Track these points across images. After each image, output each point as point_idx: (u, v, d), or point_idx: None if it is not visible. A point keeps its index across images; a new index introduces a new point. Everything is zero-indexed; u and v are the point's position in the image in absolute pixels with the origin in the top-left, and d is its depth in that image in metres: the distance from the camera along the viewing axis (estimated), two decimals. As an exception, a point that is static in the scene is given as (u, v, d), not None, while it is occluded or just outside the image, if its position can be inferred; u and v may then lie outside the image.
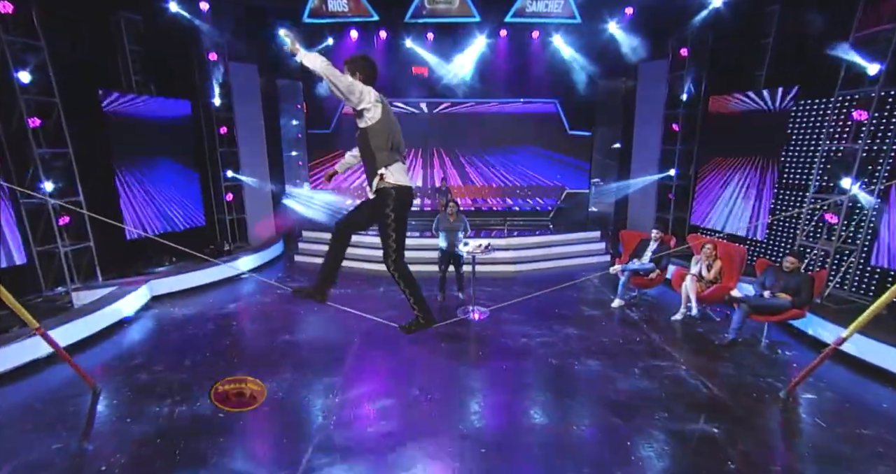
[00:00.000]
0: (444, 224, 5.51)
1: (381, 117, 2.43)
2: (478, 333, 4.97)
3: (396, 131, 2.52)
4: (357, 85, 2.35)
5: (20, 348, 4.06)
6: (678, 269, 5.55)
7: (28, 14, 5.21)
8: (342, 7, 7.81)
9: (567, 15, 7.45)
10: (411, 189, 2.60)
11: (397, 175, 2.49)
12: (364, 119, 2.43)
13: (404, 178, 2.54)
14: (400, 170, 2.52)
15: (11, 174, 5.36)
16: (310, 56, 2.24)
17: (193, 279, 6.54)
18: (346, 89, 2.29)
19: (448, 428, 3.24)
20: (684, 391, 3.69)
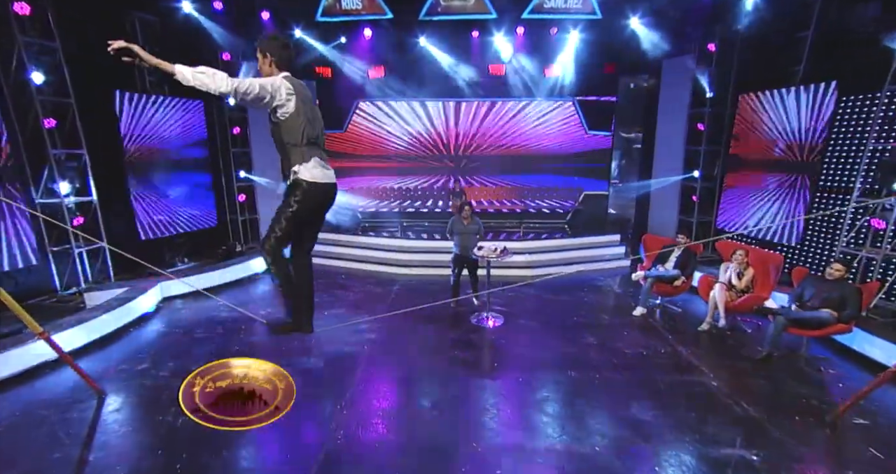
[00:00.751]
0: (458, 227, 5.31)
1: (293, 110, 2.16)
2: (492, 341, 4.76)
3: (314, 122, 2.27)
4: (266, 85, 2.06)
5: (27, 351, 4.01)
6: (705, 277, 5.24)
7: (44, 15, 5.21)
8: (356, 5, 7.68)
9: (587, 10, 7.17)
10: (328, 186, 2.32)
11: (314, 171, 2.23)
12: (277, 114, 2.17)
13: (322, 174, 2.27)
14: (317, 166, 2.25)
15: (28, 174, 5.38)
16: (184, 71, 1.97)
17: (204, 280, 6.49)
18: (254, 97, 2.04)
19: (461, 444, 3.04)
20: (716, 410, 3.41)
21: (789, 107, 5.87)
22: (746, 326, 4.91)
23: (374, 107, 8.99)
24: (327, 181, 2.30)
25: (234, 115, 7.92)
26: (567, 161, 9.01)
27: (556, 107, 8.69)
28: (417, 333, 4.88)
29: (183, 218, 7.26)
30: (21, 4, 4.89)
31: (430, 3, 7.49)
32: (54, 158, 5.43)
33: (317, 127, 2.30)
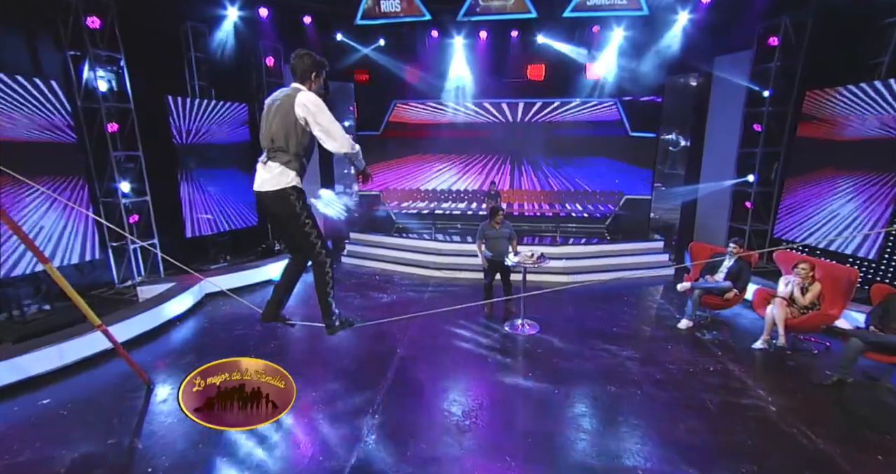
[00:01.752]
0: (490, 232, 5.19)
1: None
2: (527, 350, 4.62)
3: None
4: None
5: (88, 340, 4.28)
6: (761, 290, 4.86)
7: (111, 27, 5.56)
8: (395, 8, 7.73)
9: (633, 6, 6.85)
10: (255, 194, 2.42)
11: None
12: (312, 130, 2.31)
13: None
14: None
15: (93, 175, 5.77)
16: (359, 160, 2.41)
17: (245, 278, 6.73)
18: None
19: (493, 454, 2.94)
20: (778, 439, 3.12)
21: (869, 103, 5.30)
22: (813, 347, 4.49)
23: (411, 107, 9.02)
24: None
25: (276, 118, 8.17)
26: (607, 163, 8.68)
27: (597, 107, 8.39)
28: (450, 338, 4.82)
29: (226, 216, 7.57)
30: (92, 19, 5.26)
31: (468, 3, 7.42)
32: (115, 160, 5.79)
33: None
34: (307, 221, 2.32)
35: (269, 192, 2.26)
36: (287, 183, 2.24)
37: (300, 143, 2.25)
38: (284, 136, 2.23)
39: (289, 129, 2.22)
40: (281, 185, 2.23)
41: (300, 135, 2.24)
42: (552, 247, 7.31)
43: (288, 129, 2.22)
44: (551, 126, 8.76)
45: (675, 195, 8.52)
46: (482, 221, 5.34)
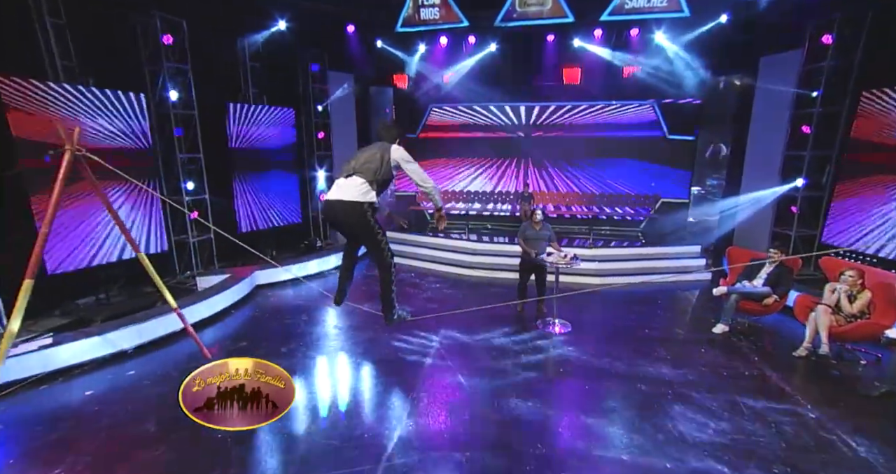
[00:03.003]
0: (530, 232, 5.36)
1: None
2: (558, 348, 4.75)
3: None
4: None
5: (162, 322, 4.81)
6: (803, 297, 4.75)
7: (181, 43, 6.16)
8: (433, 15, 8.04)
9: (673, 8, 6.80)
10: (326, 202, 2.88)
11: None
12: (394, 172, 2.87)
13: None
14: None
15: (161, 175, 6.40)
16: (436, 197, 2.90)
17: (292, 271, 7.19)
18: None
19: (525, 443, 3.12)
20: (813, 444, 3.12)
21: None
22: (862, 357, 4.36)
23: (447, 111, 9.29)
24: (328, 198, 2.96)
25: (319, 122, 8.67)
26: (643, 166, 8.60)
27: (633, 109, 8.34)
28: (484, 334, 5.02)
29: (273, 214, 8.11)
30: (167, 36, 5.86)
31: (505, 9, 7.60)
32: (181, 162, 6.39)
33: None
34: (378, 231, 2.75)
35: (347, 202, 2.68)
36: (366, 199, 2.68)
37: (384, 176, 2.78)
38: (375, 167, 2.77)
39: (382, 163, 2.77)
40: (360, 199, 2.66)
41: (385, 172, 2.78)
42: (585, 249, 7.36)
43: (381, 163, 2.77)
44: (587, 129, 8.77)
45: (713, 199, 8.32)
46: (524, 222, 5.54)
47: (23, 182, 4.60)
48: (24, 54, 4.79)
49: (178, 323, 4.86)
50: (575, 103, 8.62)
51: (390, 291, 2.96)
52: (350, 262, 3.27)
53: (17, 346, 4.08)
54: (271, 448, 3.11)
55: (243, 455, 3.02)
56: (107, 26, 5.51)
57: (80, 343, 4.26)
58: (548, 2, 7.38)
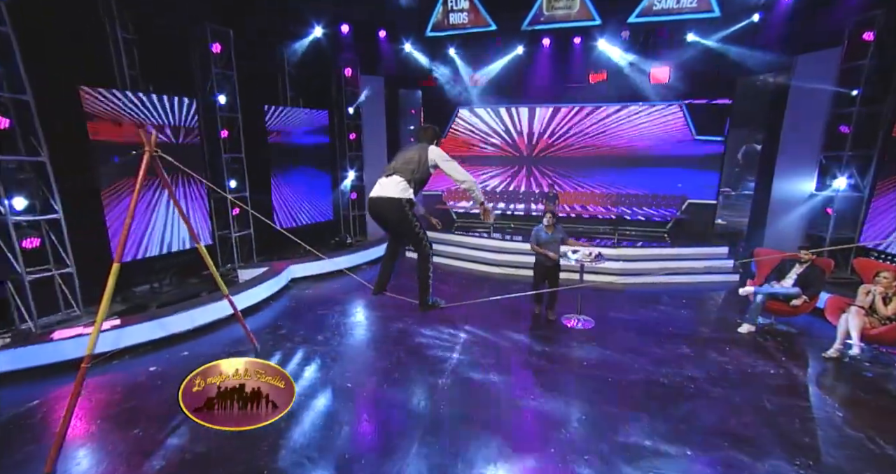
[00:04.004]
0: (544, 236, 5.18)
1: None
2: (581, 343, 4.88)
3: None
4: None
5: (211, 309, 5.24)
6: (835, 298, 4.72)
7: (228, 51, 6.62)
8: (462, 20, 8.27)
9: (703, 8, 6.79)
10: (370, 199, 3.07)
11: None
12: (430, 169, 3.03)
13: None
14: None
15: (208, 174, 6.88)
16: (477, 192, 3.01)
17: (324, 266, 7.57)
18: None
19: (551, 428, 3.30)
20: (837, 440, 3.16)
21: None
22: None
23: (474, 113, 9.50)
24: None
25: (350, 123, 9.05)
26: (670, 167, 8.55)
27: (660, 110, 8.32)
28: (507, 327, 5.20)
29: (306, 211, 8.53)
30: (216, 45, 6.32)
31: (533, 13, 7.75)
32: (225, 161, 6.85)
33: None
34: (416, 224, 2.98)
35: (387, 198, 2.93)
36: (405, 195, 2.91)
37: (421, 175, 2.99)
38: (414, 167, 2.98)
39: (419, 164, 2.98)
40: (399, 196, 2.89)
41: (422, 171, 2.99)
42: (610, 248, 7.41)
43: (419, 163, 2.98)
44: (613, 129, 8.80)
45: (743, 200, 8.19)
46: (535, 225, 5.38)
47: (95, 179, 5.11)
48: (100, 66, 5.33)
49: (223, 311, 5.29)
50: (601, 105, 8.66)
51: (427, 279, 3.16)
52: (392, 255, 3.49)
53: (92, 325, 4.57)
54: (311, 420, 3.42)
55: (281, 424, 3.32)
56: (164, 38, 6.01)
57: (141, 326, 4.72)
58: (575, 5, 7.49)
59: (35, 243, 4.58)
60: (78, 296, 4.91)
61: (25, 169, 4.47)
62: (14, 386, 3.92)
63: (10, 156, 4.32)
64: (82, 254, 5.03)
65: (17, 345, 4.10)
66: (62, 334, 4.28)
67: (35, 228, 4.61)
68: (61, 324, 4.77)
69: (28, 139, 4.44)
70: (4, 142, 4.27)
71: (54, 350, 4.16)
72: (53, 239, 4.74)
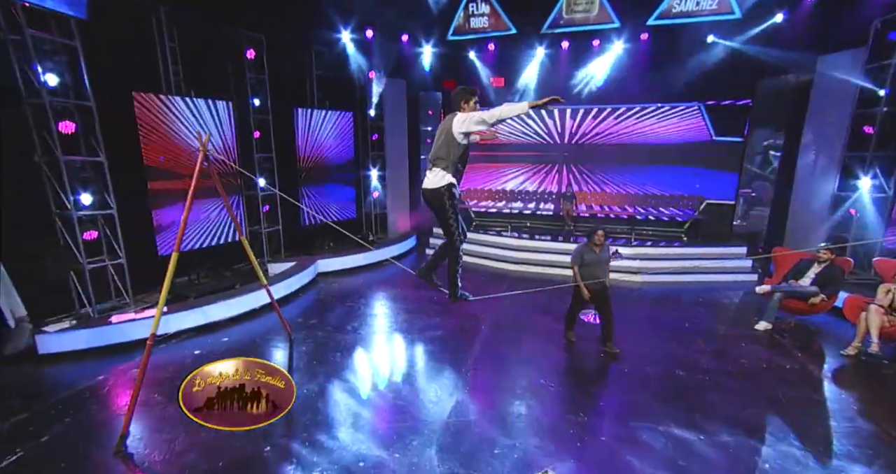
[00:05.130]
0: (589, 256, 4.43)
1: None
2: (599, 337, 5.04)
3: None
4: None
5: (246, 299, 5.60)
6: (853, 297, 4.77)
7: (260, 56, 7.00)
8: (483, 23, 8.49)
9: (724, 10, 6.85)
10: (422, 190, 3.10)
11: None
12: (469, 139, 2.93)
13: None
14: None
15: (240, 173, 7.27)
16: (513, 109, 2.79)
17: (349, 261, 7.91)
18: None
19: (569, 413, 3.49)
20: (849, 431, 3.27)
21: None
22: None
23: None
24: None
25: (373, 124, 9.36)
26: (688, 167, 8.59)
27: (679, 112, 8.37)
28: (528, 321, 5.41)
29: (332, 209, 8.87)
30: (251, 51, 6.70)
31: (553, 16, 7.91)
32: (257, 161, 7.23)
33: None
34: (451, 214, 3.06)
35: (430, 189, 3.06)
36: (444, 184, 2.99)
37: (455, 154, 2.94)
38: (443, 153, 2.96)
39: (449, 143, 2.93)
40: (438, 185, 2.99)
41: (453, 150, 2.93)
42: (626, 247, 7.52)
43: (448, 144, 2.94)
44: (631, 130, 8.88)
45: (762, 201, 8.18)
46: (578, 245, 4.64)
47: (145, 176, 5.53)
48: (149, 74, 5.76)
49: (257, 301, 5.66)
50: (620, 106, 8.76)
51: (455, 271, 3.29)
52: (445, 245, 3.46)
53: (144, 311, 4.98)
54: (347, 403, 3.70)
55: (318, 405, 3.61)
56: (203, 45, 6.42)
57: (184, 313, 5.10)
58: (594, 8, 7.62)
59: (93, 236, 5.00)
60: (128, 285, 5.33)
61: (86, 168, 4.90)
62: (82, 363, 4.35)
63: (75, 157, 4.75)
64: (130, 247, 5.45)
65: (82, 326, 4.52)
66: (119, 318, 4.69)
67: (93, 222, 5.03)
68: (114, 310, 5.19)
69: (89, 141, 4.86)
70: (71, 144, 4.69)
71: (113, 332, 4.57)
72: (108, 232, 5.16)
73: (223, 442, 3.07)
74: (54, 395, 3.76)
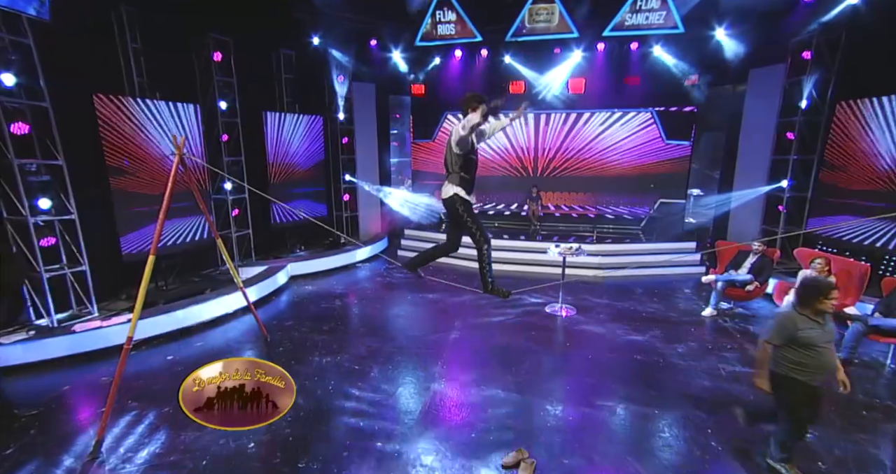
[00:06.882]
0: (814, 332, 2.61)
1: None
2: (565, 327, 5.41)
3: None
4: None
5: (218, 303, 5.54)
6: (781, 283, 5.39)
7: (228, 59, 6.93)
8: (450, 30, 8.77)
9: (669, 25, 7.49)
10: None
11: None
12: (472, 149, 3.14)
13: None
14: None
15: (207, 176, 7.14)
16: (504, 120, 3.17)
17: (321, 264, 7.92)
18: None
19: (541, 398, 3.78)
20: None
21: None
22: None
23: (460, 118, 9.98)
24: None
25: (343, 128, 9.41)
26: (643, 169, 9.25)
27: (634, 117, 9.01)
28: (497, 316, 5.70)
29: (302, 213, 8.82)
30: (217, 54, 6.62)
31: (516, 25, 8.32)
32: (226, 164, 7.13)
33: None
34: (469, 219, 3.20)
35: (443, 200, 3.25)
36: (450, 194, 3.13)
37: (456, 163, 3.07)
38: (449, 161, 3.10)
39: (450, 154, 3.08)
40: (446, 195, 3.16)
41: (456, 159, 3.07)
42: (589, 245, 8.00)
43: (450, 155, 3.08)
44: (590, 134, 9.44)
45: (708, 199, 8.96)
46: (783, 310, 2.79)
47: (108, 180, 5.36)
48: (111, 75, 5.59)
49: (230, 305, 5.61)
50: (580, 111, 9.29)
51: (484, 266, 3.42)
52: (448, 244, 3.58)
53: (109, 319, 4.83)
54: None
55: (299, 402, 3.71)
56: (169, 47, 6.29)
57: (153, 319, 4.99)
58: (554, 19, 8.09)
59: (51, 242, 4.81)
60: (91, 293, 5.14)
61: (43, 172, 4.71)
62: (46, 374, 4.20)
63: (30, 160, 4.56)
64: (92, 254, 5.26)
65: (43, 336, 4.35)
66: (83, 327, 4.54)
67: (51, 228, 4.84)
68: (73, 319, 5.00)
69: (45, 144, 4.68)
70: (24, 146, 4.51)
71: (80, 341, 4.43)
72: (67, 239, 4.97)
73: (206, 441, 3.12)
74: (15, 408, 3.62)
